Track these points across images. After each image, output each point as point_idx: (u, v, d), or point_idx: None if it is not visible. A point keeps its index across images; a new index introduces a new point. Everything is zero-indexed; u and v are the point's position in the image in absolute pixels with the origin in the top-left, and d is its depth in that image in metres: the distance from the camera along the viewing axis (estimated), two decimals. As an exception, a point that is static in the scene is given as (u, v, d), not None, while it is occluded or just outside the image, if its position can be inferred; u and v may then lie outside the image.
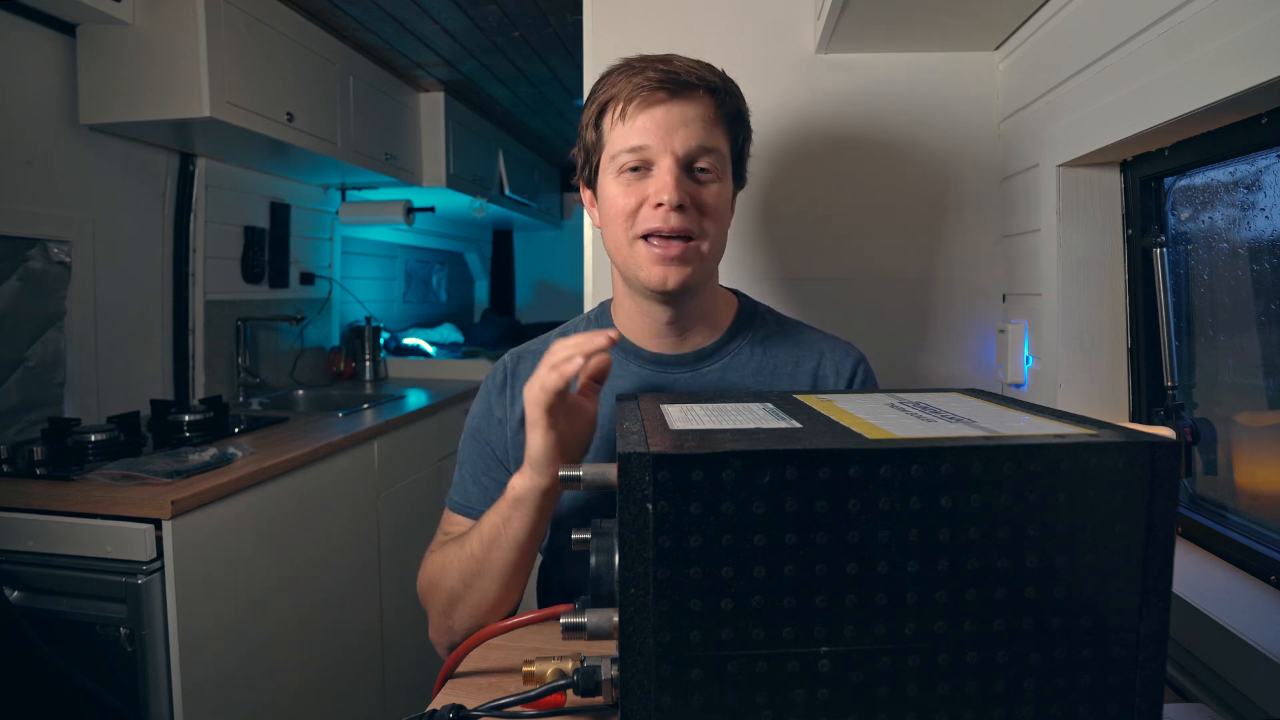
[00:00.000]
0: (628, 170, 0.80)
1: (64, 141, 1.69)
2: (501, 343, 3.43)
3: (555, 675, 0.56)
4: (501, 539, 0.74)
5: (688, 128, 0.78)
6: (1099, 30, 0.93)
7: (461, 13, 2.11)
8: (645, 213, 0.79)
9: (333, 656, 1.75)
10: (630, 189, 0.80)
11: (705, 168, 0.80)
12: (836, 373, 0.91)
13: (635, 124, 0.79)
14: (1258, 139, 0.74)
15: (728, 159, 0.83)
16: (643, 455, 0.40)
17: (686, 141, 0.78)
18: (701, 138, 0.79)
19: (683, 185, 0.78)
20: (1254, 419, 0.87)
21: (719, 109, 0.81)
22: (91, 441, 1.51)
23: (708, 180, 0.80)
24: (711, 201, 0.80)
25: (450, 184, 2.82)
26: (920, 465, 0.40)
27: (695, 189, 0.80)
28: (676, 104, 0.78)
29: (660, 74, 0.78)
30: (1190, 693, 0.76)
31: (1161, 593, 0.42)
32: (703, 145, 0.79)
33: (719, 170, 0.81)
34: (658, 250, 0.79)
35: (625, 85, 0.79)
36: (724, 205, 0.83)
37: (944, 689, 0.41)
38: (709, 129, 0.80)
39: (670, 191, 0.77)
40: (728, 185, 0.83)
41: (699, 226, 0.80)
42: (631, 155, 0.79)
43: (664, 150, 0.78)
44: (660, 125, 0.78)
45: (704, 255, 0.81)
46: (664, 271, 0.80)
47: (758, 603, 0.40)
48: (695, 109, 0.79)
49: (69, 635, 1.27)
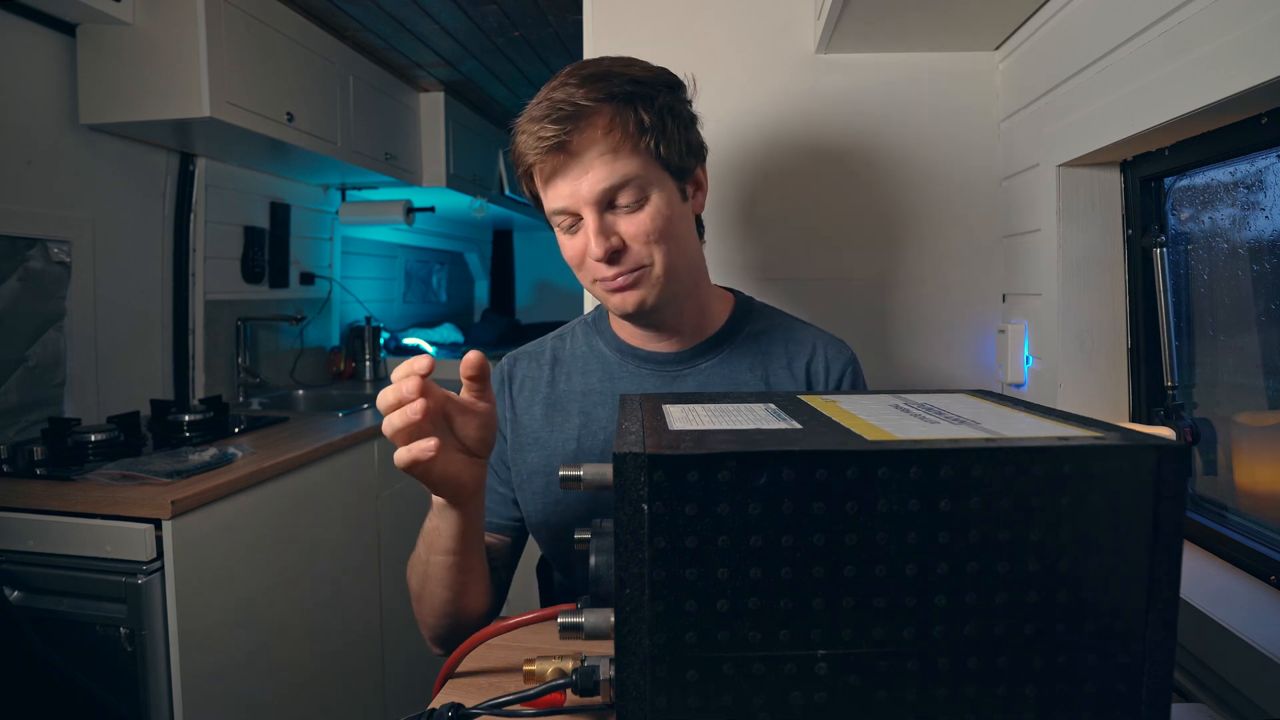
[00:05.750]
0: (564, 226, 0.82)
1: (64, 141, 1.69)
2: (501, 343, 3.43)
3: (555, 675, 0.56)
4: (435, 544, 0.75)
5: (591, 174, 0.77)
6: (1099, 30, 0.93)
7: (461, 13, 2.10)
8: (588, 263, 0.81)
9: (333, 656, 1.75)
10: (572, 241, 0.82)
11: (626, 202, 0.79)
12: (827, 370, 0.91)
13: (550, 189, 0.80)
14: (1258, 139, 0.74)
15: (650, 169, 0.79)
16: (638, 456, 0.39)
17: (594, 187, 0.77)
18: (606, 178, 0.77)
19: (608, 231, 0.78)
20: (1254, 419, 0.87)
21: (617, 132, 0.77)
22: (91, 441, 1.51)
23: (632, 210, 0.79)
24: (644, 228, 0.79)
25: (450, 184, 2.82)
26: (919, 467, 0.40)
27: (623, 224, 0.79)
28: (572, 159, 0.77)
29: (544, 140, 0.76)
30: (1190, 693, 0.76)
31: (1168, 599, 0.41)
32: (610, 185, 0.77)
33: (642, 192, 0.79)
34: (609, 285, 0.81)
35: (524, 151, 0.78)
36: (662, 221, 0.79)
37: (943, 693, 0.41)
38: (612, 162, 0.77)
39: (596, 246, 0.78)
40: (664, 196, 0.80)
41: (639, 258, 0.80)
42: (560, 217, 0.81)
43: (579, 204, 0.78)
44: (567, 183, 0.78)
45: (659, 276, 0.81)
46: (621, 299, 0.82)
47: (754, 604, 0.40)
48: (592, 150, 0.76)
49: (69, 635, 1.27)
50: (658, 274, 0.81)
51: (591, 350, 0.93)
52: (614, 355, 0.92)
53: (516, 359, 0.96)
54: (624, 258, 0.80)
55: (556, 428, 0.90)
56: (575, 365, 0.93)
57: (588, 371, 0.92)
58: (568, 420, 0.90)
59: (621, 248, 0.79)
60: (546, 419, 0.90)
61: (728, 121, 1.28)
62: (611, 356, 0.92)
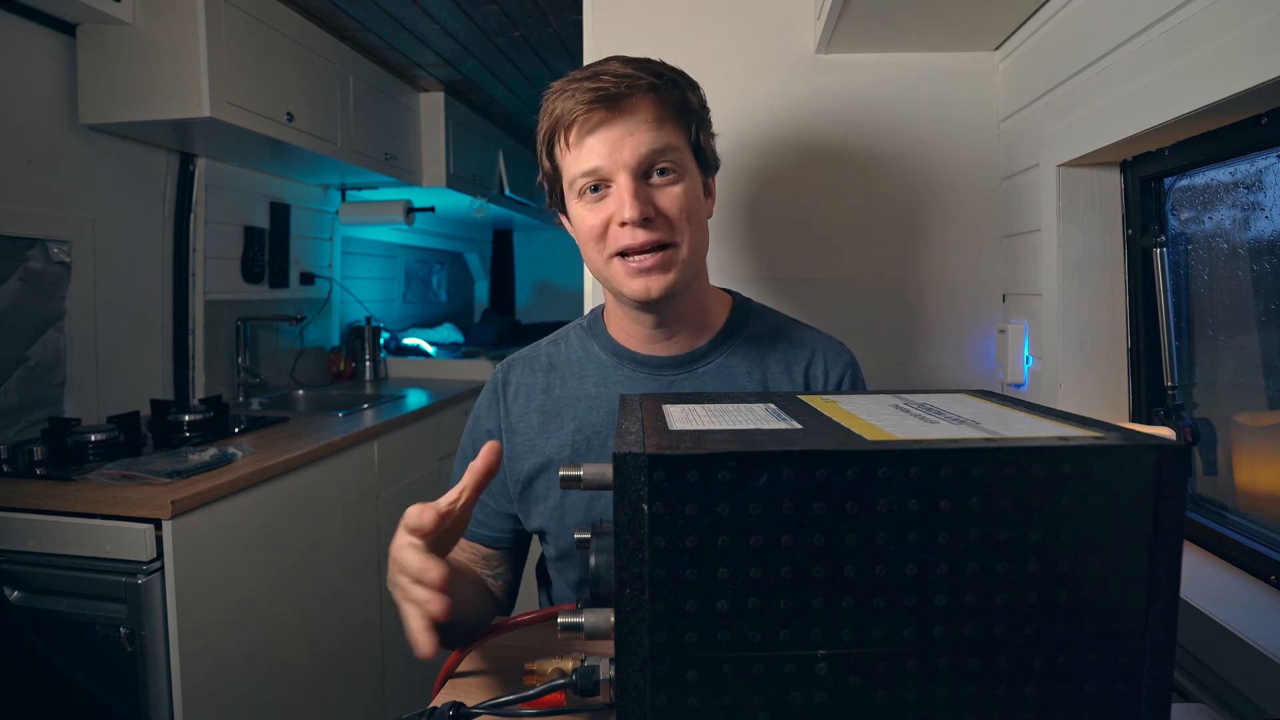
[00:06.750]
0: (589, 192, 0.80)
1: (64, 141, 1.69)
2: (501, 343, 3.43)
3: (556, 674, 0.56)
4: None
5: (634, 136, 0.77)
6: (1099, 30, 0.93)
7: (461, 13, 2.10)
8: (614, 231, 0.79)
9: (333, 656, 1.75)
10: (595, 209, 0.80)
11: (665, 168, 0.78)
12: (826, 373, 0.91)
13: (583, 148, 0.78)
14: (1258, 139, 0.74)
15: (687, 151, 0.81)
16: (638, 456, 0.39)
17: (636, 150, 0.77)
18: (651, 142, 0.77)
19: (643, 197, 0.77)
20: (1254, 419, 0.87)
21: (664, 104, 0.79)
22: (91, 441, 1.51)
23: (670, 182, 0.79)
24: (679, 203, 0.79)
25: (450, 184, 2.82)
26: (919, 467, 0.40)
27: (659, 195, 0.79)
28: (618, 116, 0.77)
29: (593, 92, 0.76)
30: (1190, 693, 0.76)
31: (1168, 599, 0.41)
32: (654, 149, 0.77)
33: (680, 167, 0.79)
34: (634, 264, 0.80)
35: (564, 111, 0.78)
36: (693, 202, 0.81)
37: (943, 693, 0.41)
38: (657, 129, 0.78)
39: (631, 208, 0.76)
40: (694, 179, 0.82)
41: (671, 232, 0.79)
42: (587, 178, 0.79)
43: (616, 166, 0.77)
44: (607, 142, 0.77)
45: (683, 258, 0.80)
46: (644, 283, 0.80)
47: (754, 604, 0.40)
48: (638, 114, 0.77)
49: (69, 635, 1.27)
50: (684, 255, 0.80)
51: (587, 355, 0.92)
52: (610, 359, 0.91)
53: (511, 365, 0.95)
54: (655, 226, 0.78)
55: (552, 433, 0.89)
56: (571, 370, 0.92)
57: (583, 376, 0.91)
58: (563, 426, 0.89)
59: (654, 217, 0.78)
60: (542, 425, 0.89)
61: (728, 121, 1.27)
62: (608, 360, 0.91)
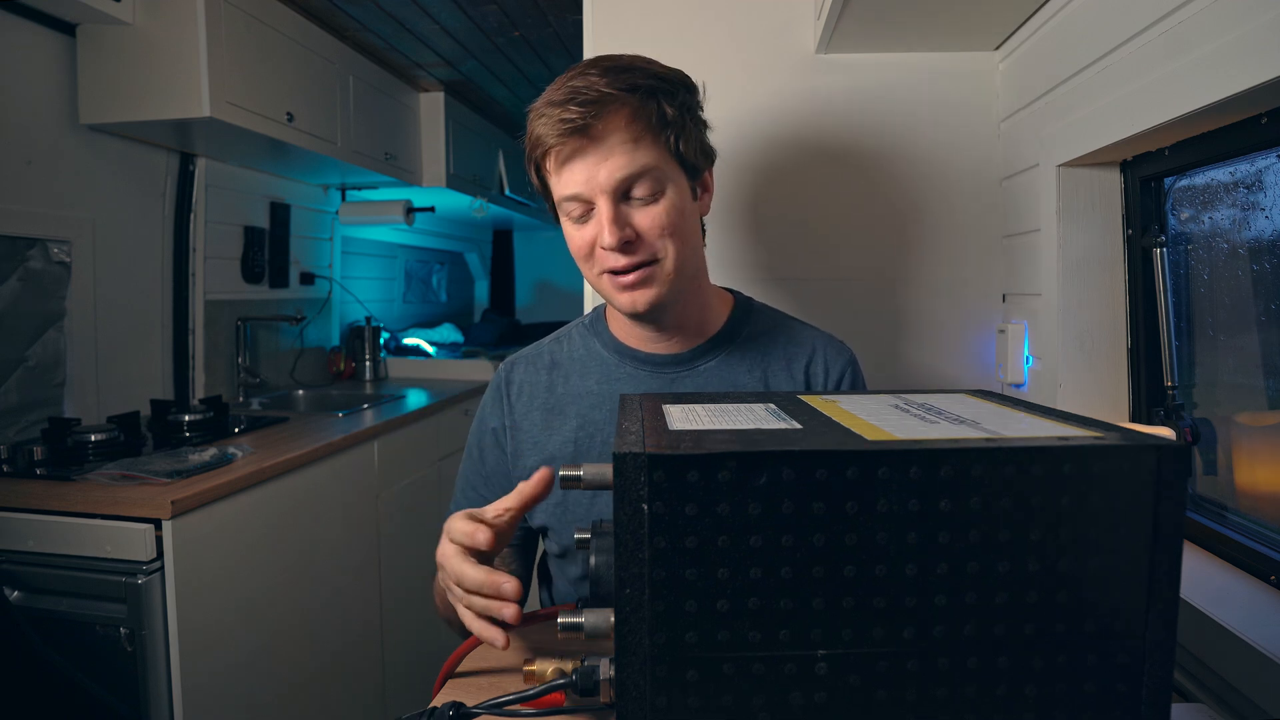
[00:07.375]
0: (574, 215, 0.81)
1: (64, 141, 1.69)
2: (501, 343, 3.43)
3: (556, 675, 0.56)
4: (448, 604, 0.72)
5: (610, 161, 0.76)
6: (1099, 30, 0.93)
7: (461, 13, 2.10)
8: (599, 253, 0.80)
9: (333, 656, 1.75)
10: (581, 230, 0.81)
11: (642, 194, 0.79)
12: (826, 371, 0.91)
13: (562, 175, 0.79)
14: (1258, 139, 0.74)
15: (668, 164, 0.80)
16: (638, 456, 0.39)
17: (612, 175, 0.77)
18: (625, 166, 0.77)
19: (621, 221, 0.78)
20: (1254, 419, 0.87)
21: (639, 121, 0.77)
22: (91, 441, 1.51)
23: (648, 202, 0.79)
24: (659, 222, 0.79)
25: (450, 184, 2.82)
26: (919, 467, 0.40)
27: (638, 216, 0.79)
28: (591, 144, 0.77)
29: (564, 123, 0.75)
30: (1190, 693, 0.76)
31: (1168, 599, 0.41)
32: (629, 174, 0.77)
33: (659, 184, 0.79)
34: (620, 281, 0.81)
35: (541, 135, 0.78)
36: (675, 216, 0.80)
37: (943, 693, 0.41)
38: (633, 151, 0.77)
39: (609, 235, 0.77)
40: (678, 189, 0.81)
41: (653, 250, 0.80)
42: (572, 204, 0.80)
43: (595, 191, 0.78)
44: (583, 170, 0.77)
45: (668, 272, 0.81)
46: (631, 298, 0.81)
47: (754, 604, 0.40)
48: (612, 138, 0.76)
49: (69, 635, 1.27)
50: (668, 270, 0.81)
51: (589, 353, 0.93)
52: (612, 357, 0.91)
53: (514, 364, 0.95)
54: (636, 248, 0.79)
55: (554, 431, 0.89)
56: (573, 368, 0.92)
57: (585, 374, 0.91)
58: (565, 423, 0.89)
59: (634, 239, 0.79)
60: (545, 423, 0.90)
61: (728, 121, 1.28)
62: (610, 358, 0.91)
